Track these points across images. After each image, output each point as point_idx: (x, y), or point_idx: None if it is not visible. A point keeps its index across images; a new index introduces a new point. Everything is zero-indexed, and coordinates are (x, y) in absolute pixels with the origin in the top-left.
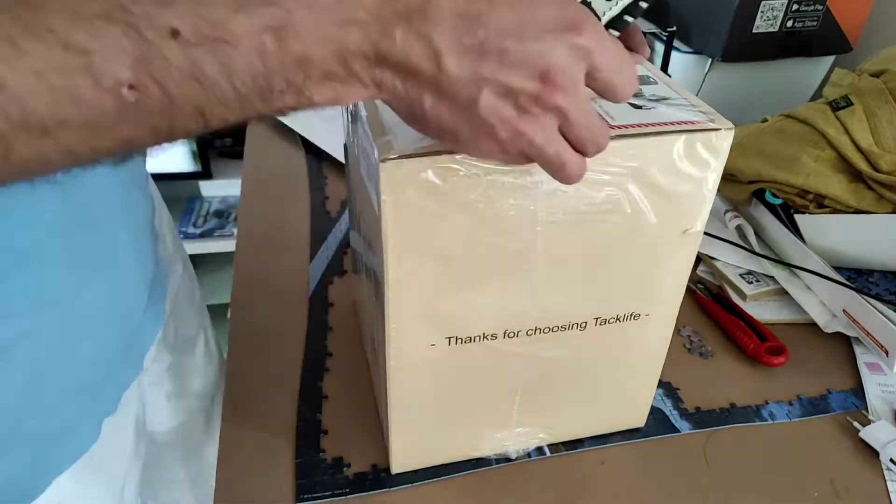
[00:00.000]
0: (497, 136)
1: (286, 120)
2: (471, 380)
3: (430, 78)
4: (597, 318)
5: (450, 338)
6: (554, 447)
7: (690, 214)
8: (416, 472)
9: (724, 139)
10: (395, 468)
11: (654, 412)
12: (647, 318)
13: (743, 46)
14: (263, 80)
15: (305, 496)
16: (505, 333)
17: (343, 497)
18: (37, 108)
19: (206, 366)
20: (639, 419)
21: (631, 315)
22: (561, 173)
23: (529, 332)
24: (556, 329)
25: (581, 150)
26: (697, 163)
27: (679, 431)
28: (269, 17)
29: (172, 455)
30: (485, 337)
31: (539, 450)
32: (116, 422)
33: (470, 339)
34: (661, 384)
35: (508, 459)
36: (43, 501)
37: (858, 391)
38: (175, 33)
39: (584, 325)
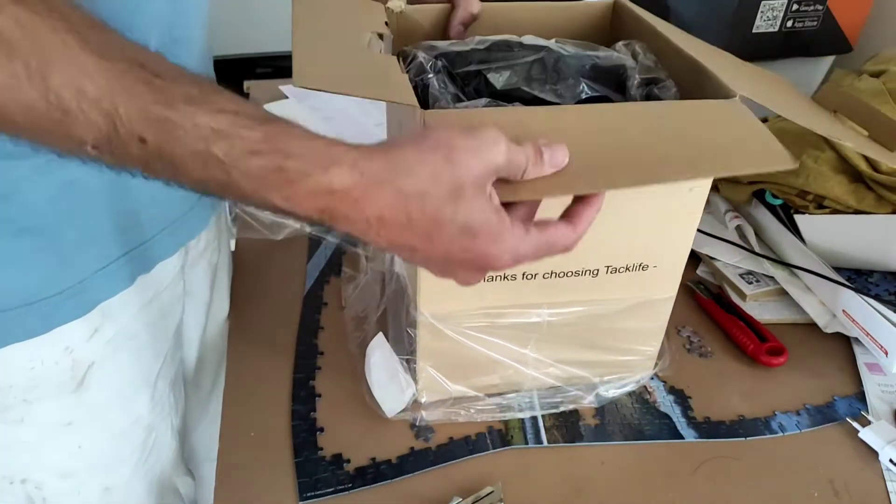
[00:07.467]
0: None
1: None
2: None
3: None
4: (608, 267)
5: None
6: (552, 437)
7: None
8: (415, 462)
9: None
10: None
11: (662, 417)
12: (655, 269)
13: (743, 46)
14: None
15: (308, 494)
16: (524, 275)
17: (346, 492)
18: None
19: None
20: (644, 369)
21: (639, 266)
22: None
23: (546, 276)
24: (570, 274)
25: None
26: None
27: (683, 439)
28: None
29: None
30: (504, 277)
31: (537, 438)
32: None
33: (491, 279)
34: (673, 391)
35: (507, 444)
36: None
37: (860, 394)
38: (143, 140)
39: (595, 272)
